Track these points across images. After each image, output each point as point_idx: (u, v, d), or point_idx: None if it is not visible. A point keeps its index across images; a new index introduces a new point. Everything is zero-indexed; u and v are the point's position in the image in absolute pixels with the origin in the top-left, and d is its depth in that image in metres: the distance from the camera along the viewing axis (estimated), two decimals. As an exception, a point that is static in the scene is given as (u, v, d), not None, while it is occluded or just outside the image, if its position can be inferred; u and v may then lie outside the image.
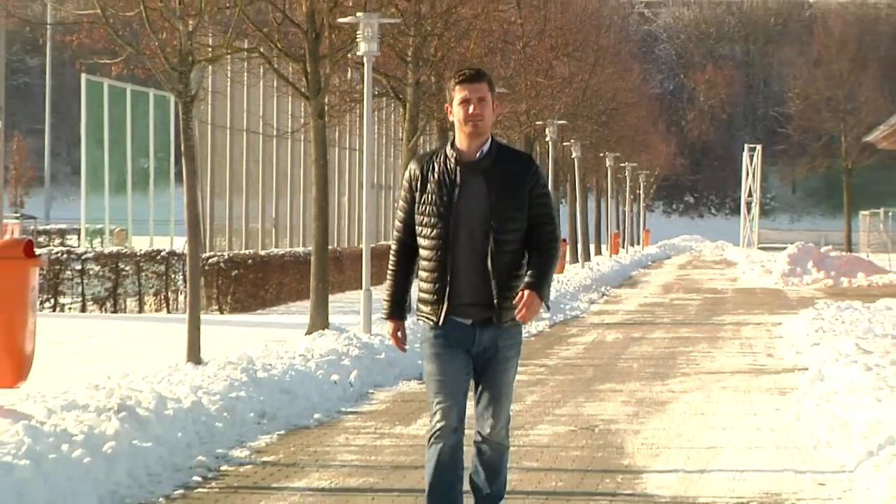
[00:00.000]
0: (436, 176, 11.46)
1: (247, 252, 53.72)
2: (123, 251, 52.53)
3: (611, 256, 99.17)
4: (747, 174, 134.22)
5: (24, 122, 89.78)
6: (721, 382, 29.73)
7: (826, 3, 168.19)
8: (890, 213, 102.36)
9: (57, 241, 59.78)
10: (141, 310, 48.36)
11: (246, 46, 34.83)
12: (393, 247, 11.92)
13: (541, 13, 59.71)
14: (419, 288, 11.60)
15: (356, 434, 21.30)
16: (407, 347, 12.50)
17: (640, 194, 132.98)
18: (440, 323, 11.53)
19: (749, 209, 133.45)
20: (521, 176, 11.53)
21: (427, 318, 11.65)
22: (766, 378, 30.53)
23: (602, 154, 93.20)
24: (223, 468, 18.67)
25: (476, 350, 11.60)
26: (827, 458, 19.53)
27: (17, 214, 77.53)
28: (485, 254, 11.40)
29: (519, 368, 31.10)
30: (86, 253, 51.66)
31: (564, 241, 79.35)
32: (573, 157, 78.26)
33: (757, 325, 45.88)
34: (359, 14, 33.85)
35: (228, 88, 58.69)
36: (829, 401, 23.52)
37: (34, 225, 74.78)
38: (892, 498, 15.67)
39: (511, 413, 12.26)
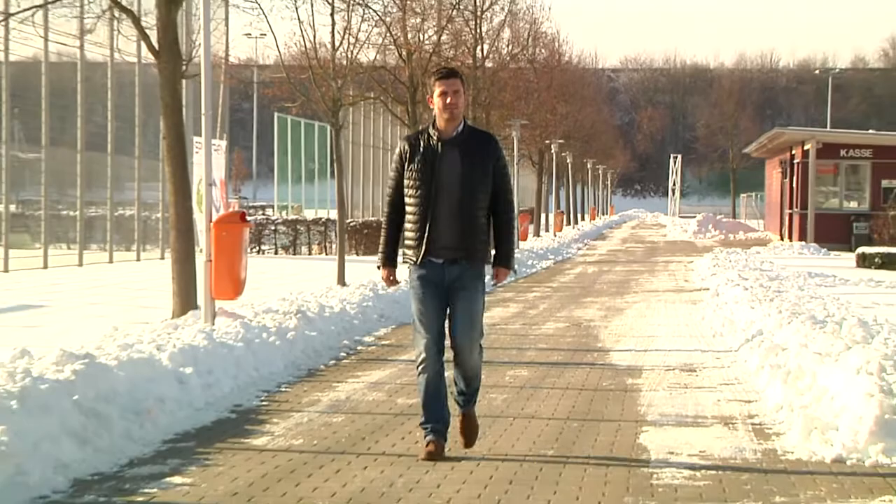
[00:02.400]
0: (421, 150, 10.32)
1: (371, 219, 54.40)
2: (299, 218, 53.71)
3: (590, 221, 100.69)
4: (672, 172, 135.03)
5: (241, 141, 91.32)
6: (656, 297, 29.71)
7: (720, 69, 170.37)
8: (757, 195, 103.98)
9: (260, 213, 60.66)
10: (310, 253, 48.57)
11: (372, 95, 34.85)
12: (385, 208, 10.69)
13: (548, 75, 59.72)
14: (405, 237, 10.49)
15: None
16: (397, 287, 11.64)
17: (608, 185, 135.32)
18: (418, 262, 10.39)
19: (673, 193, 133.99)
20: (487, 150, 10.42)
21: (410, 259, 10.47)
22: (683, 294, 30.47)
23: (584, 160, 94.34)
24: (358, 348, 18.45)
25: (447, 282, 10.36)
26: (720, 343, 19.49)
27: (237, 197, 78.74)
28: (458, 208, 10.24)
29: (534, 288, 31.40)
30: (277, 219, 52.70)
31: (561, 212, 79.95)
32: (568, 162, 78.90)
33: (678, 263, 46.11)
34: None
35: (361, 120, 62.78)
36: (721, 308, 23.70)
37: (246, 203, 75.89)
38: (759, 367, 15.12)
39: (482, 343, 10.66)
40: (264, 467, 10.20)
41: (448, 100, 10.33)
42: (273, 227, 50.09)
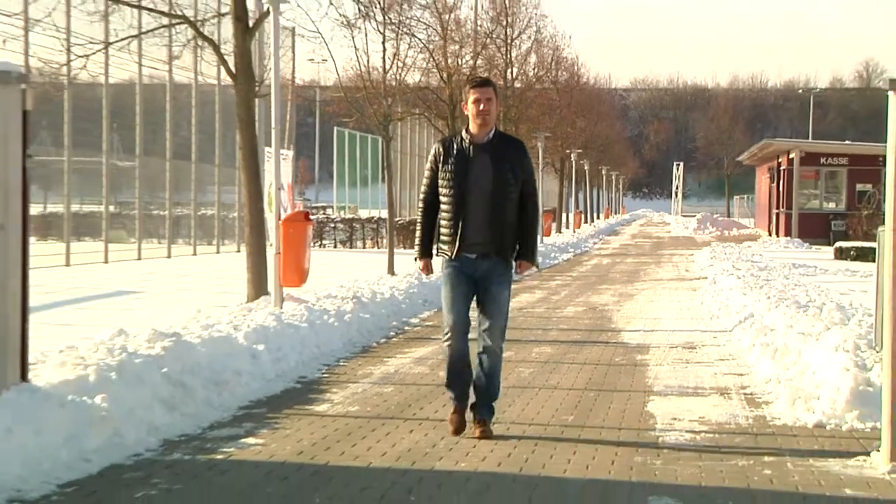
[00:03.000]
0: (454, 152, 9.74)
1: (416, 218, 54.41)
2: (355, 217, 53.71)
3: (604, 220, 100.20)
4: (675, 177, 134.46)
5: (305, 151, 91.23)
6: (661, 285, 29.45)
7: (717, 88, 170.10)
8: (748, 197, 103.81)
9: (321, 213, 60.71)
10: (364, 247, 48.61)
11: (417, 112, 34.65)
12: (420, 205, 10.12)
13: (568, 94, 59.61)
14: (439, 232, 9.93)
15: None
16: (432, 275, 10.95)
17: (620, 188, 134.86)
18: (453, 257, 9.84)
19: (676, 195, 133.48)
20: (516, 155, 9.87)
21: (445, 253, 9.92)
22: (685, 282, 30.22)
23: (600, 167, 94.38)
24: (405, 328, 18.32)
25: (477, 275, 9.80)
26: (717, 325, 19.36)
27: (302, 199, 78.78)
28: (489, 207, 9.66)
29: (556, 277, 31.25)
30: (335, 218, 52.68)
31: (580, 212, 79.68)
32: (585, 168, 78.90)
33: (680, 256, 45.63)
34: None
35: (408, 133, 63.02)
36: (718, 294, 23.70)
37: (309, 204, 75.94)
38: (751, 345, 15.14)
39: (507, 330, 10.09)
40: (325, 430, 10.21)
41: (481, 106, 9.82)
42: (332, 225, 50.24)
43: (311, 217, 21.22)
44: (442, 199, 9.89)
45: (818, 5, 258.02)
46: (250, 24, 19.65)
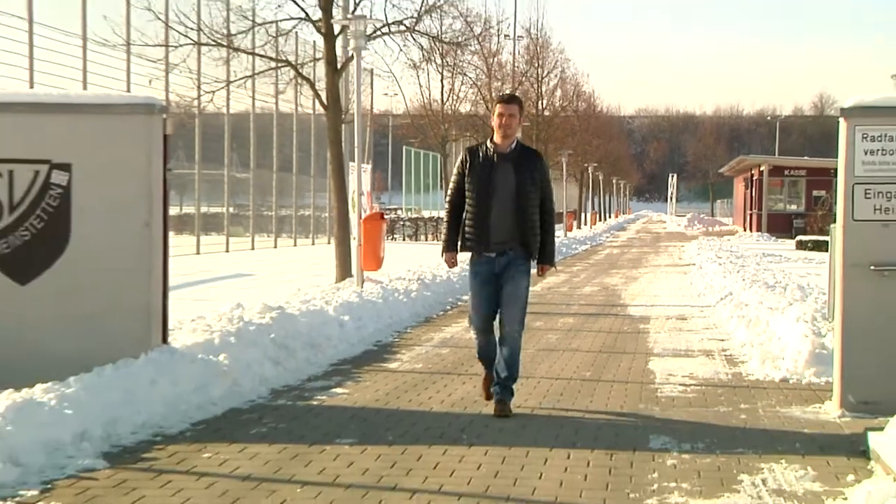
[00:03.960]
0: (479, 160, 8.70)
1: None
2: (419, 217, 53.28)
3: (614, 218, 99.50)
4: (670, 185, 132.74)
5: (380, 165, 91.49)
6: (660, 269, 29.25)
7: (703, 115, 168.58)
8: (727, 201, 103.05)
9: (393, 213, 60.68)
10: (426, 240, 48.34)
11: (468, 134, 34.44)
12: (447, 207, 8.91)
13: (586, 120, 59.41)
14: (465, 232, 8.72)
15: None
16: (455, 268, 9.21)
17: (626, 193, 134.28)
18: (478, 255, 8.67)
19: (670, 199, 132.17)
20: (534, 164, 8.71)
21: (470, 250, 8.71)
22: (678, 267, 29.89)
23: (611, 177, 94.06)
24: (458, 303, 17.91)
25: (497, 270, 8.61)
26: (703, 301, 19.19)
27: (378, 202, 79.00)
28: (510, 210, 8.56)
29: (577, 263, 30.99)
30: (404, 217, 52.52)
31: (595, 212, 79.61)
32: (599, 178, 78.68)
33: (674, 247, 44.87)
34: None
35: (461, 151, 61.71)
36: (704, 277, 23.60)
37: (384, 206, 75.93)
38: (730, 317, 15.06)
39: (525, 319, 8.78)
40: (396, 382, 10.21)
41: (504, 120, 8.67)
42: (401, 223, 50.09)
43: (385, 216, 21.22)
44: (468, 201, 8.71)
45: (784, 49, 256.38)
46: (338, 66, 19.72)
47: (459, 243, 8.80)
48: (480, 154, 8.73)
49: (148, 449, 7.42)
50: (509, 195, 8.58)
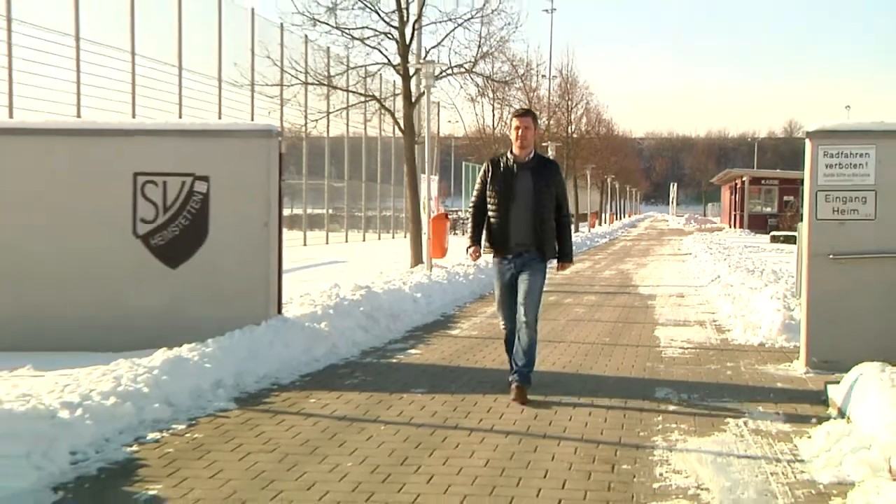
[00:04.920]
0: (501, 169, 7.52)
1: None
2: (474, 215, 52.95)
3: (628, 218, 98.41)
4: (671, 192, 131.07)
5: (444, 177, 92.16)
6: (664, 257, 28.76)
7: (697, 138, 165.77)
8: (717, 204, 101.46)
9: (454, 214, 60.37)
10: None
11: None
12: (471, 210, 7.70)
13: (606, 141, 58.74)
14: (487, 237, 7.61)
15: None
16: (479, 259, 7.79)
17: (637, 198, 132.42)
18: (500, 257, 7.55)
19: (672, 203, 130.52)
20: (551, 173, 7.53)
21: (492, 252, 7.60)
22: (678, 256, 29.29)
23: (625, 186, 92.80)
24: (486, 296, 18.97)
25: (516, 269, 7.46)
26: (698, 282, 18.90)
27: (443, 205, 78.60)
28: (529, 214, 7.42)
29: (598, 253, 30.52)
30: (464, 217, 52.07)
31: (612, 213, 78.37)
32: (616, 187, 77.80)
33: (675, 240, 43.94)
34: (547, 142, 33.38)
35: None
36: (698, 264, 23.36)
37: (447, 208, 75.47)
38: (718, 295, 14.88)
39: (540, 311, 7.56)
40: (458, 346, 10.14)
41: (520, 132, 7.49)
42: (462, 222, 49.81)
43: (448, 216, 21.16)
44: (490, 206, 7.58)
45: (761, 84, 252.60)
46: (413, 100, 19.68)
47: (484, 244, 7.66)
48: (501, 164, 7.60)
49: (267, 395, 7.43)
50: (528, 202, 7.48)
